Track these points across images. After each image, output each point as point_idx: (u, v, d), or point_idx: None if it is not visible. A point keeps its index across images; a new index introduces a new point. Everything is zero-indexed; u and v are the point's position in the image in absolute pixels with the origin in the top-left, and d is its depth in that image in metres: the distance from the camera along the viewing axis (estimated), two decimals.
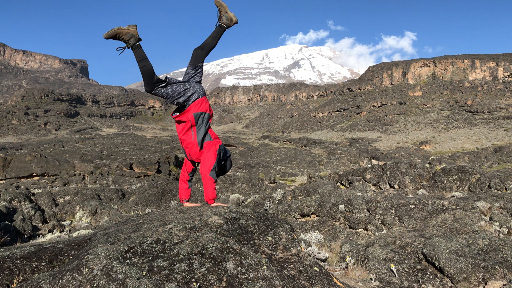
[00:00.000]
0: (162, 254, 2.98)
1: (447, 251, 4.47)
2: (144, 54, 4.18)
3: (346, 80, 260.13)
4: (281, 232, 3.87)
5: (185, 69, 4.60)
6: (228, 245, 3.16)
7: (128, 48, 4.19)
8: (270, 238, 3.70)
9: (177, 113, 4.43)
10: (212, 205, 4.38)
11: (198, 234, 3.27)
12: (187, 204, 4.63)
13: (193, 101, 4.36)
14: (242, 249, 3.18)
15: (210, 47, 4.54)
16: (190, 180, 4.79)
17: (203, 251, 3.02)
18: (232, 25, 4.60)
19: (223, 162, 4.63)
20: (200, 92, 4.45)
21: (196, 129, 4.38)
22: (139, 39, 4.21)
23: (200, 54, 4.50)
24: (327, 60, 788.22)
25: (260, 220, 3.96)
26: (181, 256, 2.94)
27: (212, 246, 3.08)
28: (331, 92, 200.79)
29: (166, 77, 4.32)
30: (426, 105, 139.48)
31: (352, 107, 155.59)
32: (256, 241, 3.60)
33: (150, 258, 2.93)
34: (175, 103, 4.38)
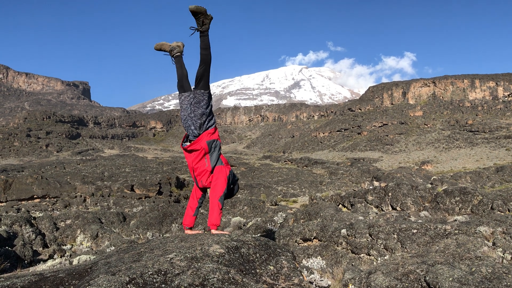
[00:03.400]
0: (163, 285, 2.97)
1: (450, 279, 4.43)
2: (182, 63, 4.65)
3: (347, 100, 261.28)
4: (283, 261, 3.85)
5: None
6: (230, 275, 3.15)
7: (172, 56, 4.69)
8: (271, 267, 3.69)
9: (187, 143, 4.48)
10: (213, 232, 4.37)
11: (199, 264, 3.26)
12: (188, 232, 4.63)
13: (204, 130, 4.43)
14: (243, 279, 3.17)
15: (209, 59, 4.58)
16: (198, 207, 4.82)
17: (205, 282, 3.01)
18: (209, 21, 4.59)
19: (231, 185, 4.68)
20: (213, 121, 4.56)
21: (210, 155, 4.42)
22: (182, 51, 4.71)
23: (204, 71, 4.54)
24: (327, 80, 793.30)
25: (262, 248, 3.95)
26: None
27: (214, 277, 3.07)
28: (331, 112, 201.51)
29: (194, 88, 4.55)
30: (427, 124, 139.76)
31: (353, 127, 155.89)
32: (257, 270, 3.59)
33: None
34: (191, 129, 4.48)
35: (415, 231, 7.49)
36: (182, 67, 4.59)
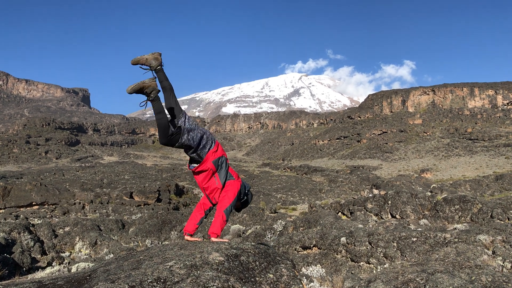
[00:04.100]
0: None
1: (450, 287, 4.41)
2: (162, 107, 4.28)
3: (346, 108, 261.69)
4: (283, 269, 3.84)
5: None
6: (229, 283, 3.14)
7: (150, 101, 4.30)
8: (271, 276, 3.67)
9: (194, 164, 4.48)
10: (213, 239, 4.37)
11: (199, 272, 3.25)
12: (188, 238, 4.62)
13: (208, 149, 4.41)
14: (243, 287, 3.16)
15: (170, 87, 4.44)
16: (203, 218, 4.81)
17: None
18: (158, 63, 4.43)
19: (245, 197, 4.68)
20: (212, 138, 4.51)
21: (218, 173, 4.43)
22: (158, 91, 4.31)
23: (170, 96, 4.40)
24: (327, 88, 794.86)
25: (261, 256, 3.94)
26: None
27: (213, 285, 3.06)
28: (331, 120, 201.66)
29: (179, 127, 4.34)
30: (426, 132, 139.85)
31: (352, 135, 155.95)
32: (257, 278, 3.57)
33: None
34: (196, 154, 4.42)
35: (414, 239, 7.47)
36: (163, 112, 4.30)
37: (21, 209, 40.39)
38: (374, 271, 6.94)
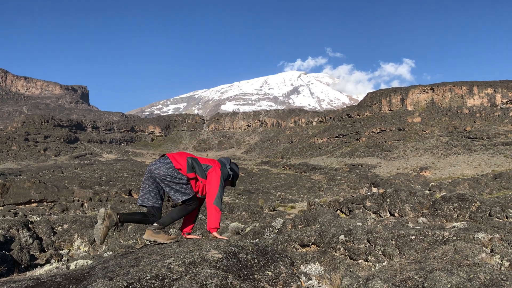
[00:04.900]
0: None
1: (448, 285, 4.42)
2: (131, 218, 4.40)
3: (345, 106, 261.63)
4: (281, 267, 3.84)
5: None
6: (228, 281, 3.14)
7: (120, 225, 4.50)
8: (270, 273, 3.67)
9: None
10: (214, 234, 4.39)
11: (197, 269, 3.25)
12: (187, 237, 4.63)
13: (188, 181, 4.41)
14: (241, 285, 3.16)
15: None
16: (197, 215, 4.85)
17: None
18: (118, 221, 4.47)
19: (231, 173, 4.74)
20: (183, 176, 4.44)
21: (197, 174, 4.44)
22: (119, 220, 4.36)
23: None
24: (326, 86, 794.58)
25: (260, 254, 3.94)
26: None
27: (212, 282, 3.06)
28: (330, 118, 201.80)
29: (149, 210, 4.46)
30: (425, 131, 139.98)
31: (351, 133, 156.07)
32: (255, 276, 3.57)
33: None
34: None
35: (413, 237, 7.49)
36: (134, 217, 4.43)
37: (20, 206, 40.35)
38: (373, 269, 6.95)
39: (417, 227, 9.92)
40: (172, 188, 4.31)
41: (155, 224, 4.38)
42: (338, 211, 18.33)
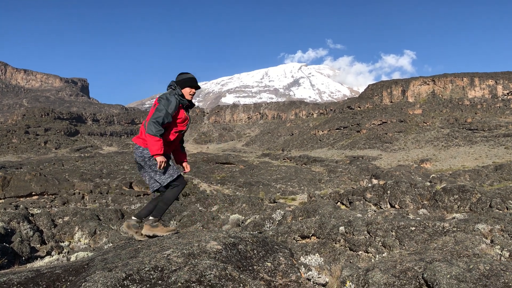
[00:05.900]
0: (160, 281, 2.96)
1: (448, 276, 4.42)
2: (147, 209, 4.52)
3: (346, 98, 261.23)
4: (280, 258, 3.84)
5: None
6: (227, 272, 3.14)
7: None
8: (269, 264, 3.67)
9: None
10: (156, 159, 4.21)
11: (196, 260, 3.25)
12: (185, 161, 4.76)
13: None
14: (240, 276, 3.16)
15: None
16: (183, 147, 4.88)
17: (201, 279, 2.99)
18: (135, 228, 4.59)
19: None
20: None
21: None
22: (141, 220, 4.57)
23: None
24: (327, 78, 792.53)
25: (259, 245, 3.93)
26: (179, 284, 2.91)
27: (211, 273, 3.05)
28: (331, 110, 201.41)
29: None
30: (426, 123, 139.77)
31: (352, 125, 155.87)
32: (255, 267, 3.57)
33: (147, 285, 2.91)
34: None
35: (413, 228, 7.49)
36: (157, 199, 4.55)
37: (21, 199, 40.47)
38: (373, 260, 6.96)
39: (418, 218, 9.92)
40: (154, 170, 4.30)
41: (150, 218, 4.36)
42: (339, 203, 18.36)
